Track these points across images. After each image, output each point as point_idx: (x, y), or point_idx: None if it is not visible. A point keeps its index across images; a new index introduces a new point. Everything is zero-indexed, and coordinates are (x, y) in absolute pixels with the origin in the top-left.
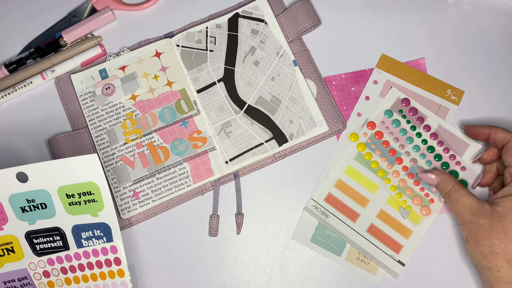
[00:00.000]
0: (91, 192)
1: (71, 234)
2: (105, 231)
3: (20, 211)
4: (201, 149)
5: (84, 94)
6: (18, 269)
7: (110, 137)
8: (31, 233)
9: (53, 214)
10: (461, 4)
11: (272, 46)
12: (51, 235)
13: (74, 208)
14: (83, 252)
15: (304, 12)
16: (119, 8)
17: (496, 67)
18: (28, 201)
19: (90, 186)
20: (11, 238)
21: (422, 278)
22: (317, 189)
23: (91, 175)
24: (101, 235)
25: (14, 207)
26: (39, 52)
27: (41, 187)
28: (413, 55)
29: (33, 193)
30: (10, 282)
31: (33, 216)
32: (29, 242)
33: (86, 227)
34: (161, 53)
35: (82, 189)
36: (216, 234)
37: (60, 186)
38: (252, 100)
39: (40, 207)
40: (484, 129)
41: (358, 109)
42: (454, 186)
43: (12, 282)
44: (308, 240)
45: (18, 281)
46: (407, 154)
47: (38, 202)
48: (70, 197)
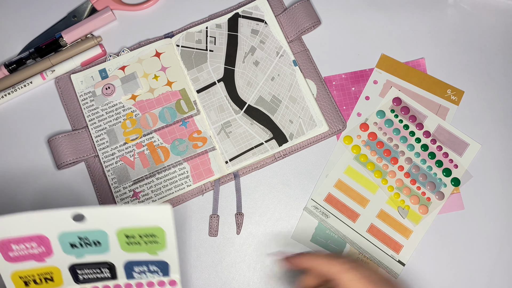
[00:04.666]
0: (154, 235)
1: (122, 268)
2: (162, 267)
3: (69, 247)
4: (201, 149)
5: (84, 94)
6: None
7: (110, 137)
8: (76, 265)
9: (106, 251)
10: (461, 4)
11: (272, 46)
12: (98, 267)
13: (132, 247)
14: (136, 284)
15: (304, 12)
16: (119, 8)
17: (496, 67)
18: (80, 239)
19: (155, 230)
20: (52, 269)
21: (422, 278)
22: (317, 189)
23: (159, 222)
24: (156, 270)
25: (63, 243)
26: (39, 52)
27: (99, 228)
28: (413, 55)
29: (88, 233)
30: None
31: (82, 252)
32: (72, 273)
33: (141, 263)
34: (161, 53)
35: (145, 232)
36: (216, 234)
37: (121, 228)
38: (252, 100)
39: (93, 244)
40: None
41: (358, 109)
42: None
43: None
44: (308, 240)
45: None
46: (402, 154)
47: (91, 239)
48: (130, 237)
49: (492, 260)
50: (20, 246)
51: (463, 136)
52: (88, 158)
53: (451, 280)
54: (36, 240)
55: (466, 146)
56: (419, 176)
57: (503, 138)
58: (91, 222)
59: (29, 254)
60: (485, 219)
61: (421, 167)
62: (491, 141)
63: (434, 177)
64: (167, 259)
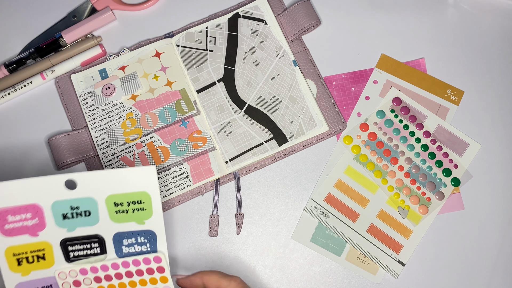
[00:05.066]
0: (141, 201)
1: (112, 242)
2: (150, 237)
3: (61, 218)
4: (201, 149)
5: (84, 94)
6: (45, 277)
7: (110, 137)
8: (67, 240)
9: (96, 222)
10: (461, 4)
11: (272, 46)
12: (89, 242)
13: (120, 216)
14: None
15: (304, 12)
16: (119, 8)
17: (496, 67)
18: (72, 208)
19: (141, 195)
20: (44, 245)
21: (422, 278)
22: (317, 189)
23: (144, 185)
24: (145, 242)
25: (55, 213)
26: (39, 52)
27: (89, 195)
28: (413, 55)
29: (79, 201)
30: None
31: (74, 224)
32: (63, 249)
33: (129, 234)
34: (161, 53)
35: (132, 198)
36: (216, 234)
37: (110, 194)
38: (252, 100)
39: (84, 214)
40: (196, 280)
41: (358, 109)
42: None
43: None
44: (308, 240)
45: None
46: (402, 154)
47: (82, 209)
48: (118, 205)
49: (492, 260)
50: (15, 217)
51: (463, 136)
52: (88, 158)
53: (451, 280)
54: (31, 209)
55: (466, 146)
56: (419, 176)
57: (503, 138)
58: (82, 188)
59: (23, 227)
60: (485, 219)
61: (421, 167)
62: (491, 141)
63: (434, 177)
64: (154, 228)
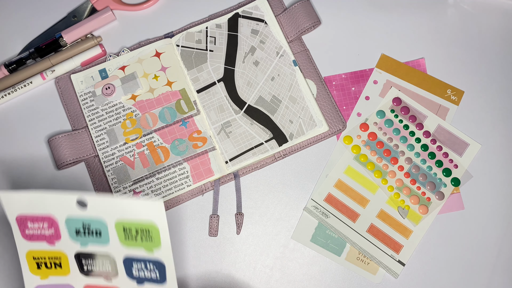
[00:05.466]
0: (149, 231)
1: (122, 264)
2: (159, 266)
3: (74, 233)
4: (201, 149)
5: (84, 94)
6: (62, 284)
7: (110, 137)
8: (81, 254)
9: (106, 242)
10: (461, 4)
11: (272, 46)
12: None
13: (130, 242)
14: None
15: (304, 12)
16: (119, 8)
17: (496, 67)
18: (83, 226)
19: (149, 226)
20: (60, 254)
21: (422, 278)
22: (317, 189)
23: (152, 218)
24: (154, 269)
25: (69, 228)
26: (39, 52)
27: (99, 217)
28: (413, 55)
29: (90, 220)
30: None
31: (86, 240)
32: (77, 262)
33: (139, 259)
34: (161, 53)
35: (140, 227)
36: (216, 234)
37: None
38: (252, 100)
39: (95, 233)
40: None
41: (358, 109)
42: None
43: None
44: (308, 240)
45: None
46: (402, 154)
47: (93, 228)
48: (127, 231)
49: (492, 260)
50: (34, 224)
51: (463, 136)
52: (88, 158)
53: (451, 280)
54: (47, 220)
55: (466, 146)
56: (419, 176)
57: (503, 138)
58: (92, 209)
59: (42, 235)
60: (485, 219)
61: (421, 167)
62: (491, 141)
63: (434, 177)
64: (163, 259)
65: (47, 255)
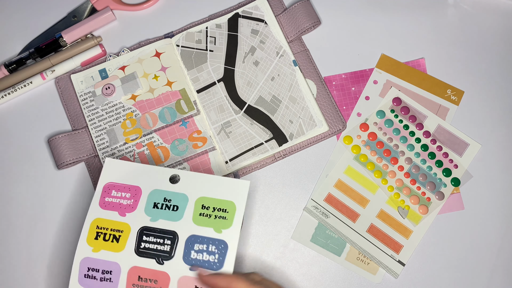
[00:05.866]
0: (226, 210)
1: (184, 243)
2: (221, 249)
3: (151, 206)
4: (201, 149)
5: (84, 94)
6: (110, 261)
7: (110, 137)
8: (145, 229)
9: (179, 218)
10: (461, 4)
11: (272, 46)
12: (163, 237)
13: (202, 219)
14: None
15: (304, 12)
16: (119, 8)
17: (496, 67)
18: (165, 200)
19: (228, 204)
20: (125, 227)
21: (422, 278)
22: (317, 189)
23: (234, 196)
24: (214, 252)
25: (149, 200)
26: (39, 52)
27: (185, 192)
28: (413, 55)
29: (174, 194)
30: (93, 271)
31: (159, 215)
32: (138, 237)
33: (203, 239)
34: (161, 53)
35: (219, 205)
36: None
37: (202, 196)
38: (252, 100)
39: (172, 208)
40: (222, 283)
41: (358, 109)
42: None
43: (95, 271)
44: (308, 240)
45: (101, 272)
46: (402, 154)
47: (173, 203)
48: (205, 208)
49: (492, 260)
50: (117, 193)
51: (463, 136)
52: (88, 158)
53: (451, 280)
54: (133, 190)
55: (466, 146)
56: (419, 176)
57: (503, 138)
58: (182, 184)
59: (118, 204)
60: (485, 219)
61: (421, 167)
62: (491, 141)
63: (434, 177)
64: (229, 240)
65: (111, 226)
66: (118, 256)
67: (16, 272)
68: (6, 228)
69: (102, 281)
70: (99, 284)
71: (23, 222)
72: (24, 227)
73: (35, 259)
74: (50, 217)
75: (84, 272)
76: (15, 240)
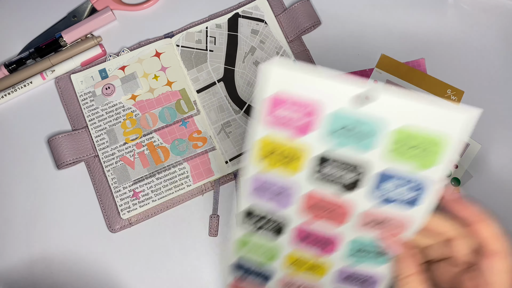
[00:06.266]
0: (433, 146)
1: (371, 178)
2: (418, 191)
3: (331, 131)
4: (201, 149)
5: (84, 94)
6: (282, 183)
7: (110, 137)
8: (324, 157)
9: (367, 149)
10: (461, 4)
11: (272, 46)
12: (345, 168)
13: (399, 153)
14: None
15: (304, 12)
16: (119, 8)
17: (496, 67)
18: (349, 125)
19: (439, 139)
20: (299, 150)
21: None
22: None
23: (452, 129)
24: (409, 191)
25: (329, 123)
26: (39, 52)
27: (379, 118)
28: (413, 55)
29: (363, 121)
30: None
31: (341, 143)
32: (314, 164)
33: (396, 177)
34: (161, 53)
35: (426, 139)
36: (216, 234)
37: (404, 125)
38: (252, 100)
39: (358, 136)
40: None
41: None
42: (414, 277)
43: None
44: None
45: (271, 193)
46: None
47: (360, 130)
48: (405, 140)
49: None
50: (290, 108)
51: None
52: (88, 158)
53: None
54: (310, 107)
55: (466, 146)
56: None
57: (503, 138)
58: (375, 108)
59: (291, 122)
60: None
61: None
62: (491, 141)
63: None
64: (430, 181)
65: (283, 147)
66: (291, 180)
67: (16, 272)
68: (6, 228)
69: (271, 201)
70: (269, 201)
71: (23, 222)
72: (24, 227)
73: (35, 259)
74: (50, 217)
75: (253, 190)
76: (15, 240)
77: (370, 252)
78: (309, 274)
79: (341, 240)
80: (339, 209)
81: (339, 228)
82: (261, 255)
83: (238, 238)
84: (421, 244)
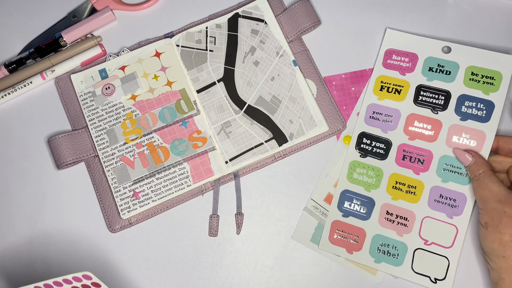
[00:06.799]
0: (493, 78)
1: (456, 99)
2: (488, 107)
3: (427, 69)
4: (201, 149)
5: (84, 94)
6: (392, 107)
7: (110, 137)
8: (422, 86)
9: (451, 81)
10: (461, 4)
11: (272, 46)
12: (438, 93)
13: (472, 83)
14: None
15: (304, 12)
16: (119, 8)
17: None
18: (438, 65)
19: (495, 74)
20: (405, 83)
21: None
22: (317, 189)
23: (501, 68)
24: (482, 108)
25: (425, 65)
26: (39, 52)
27: (456, 60)
28: None
29: (447, 62)
30: (377, 114)
31: (434, 76)
32: (416, 92)
33: (472, 98)
34: (161, 53)
35: (487, 73)
36: (216, 234)
37: (471, 65)
38: (252, 100)
39: (445, 72)
40: None
41: (358, 109)
42: (486, 172)
43: (379, 114)
44: (308, 240)
45: (384, 115)
46: None
47: (446, 68)
48: (474, 75)
49: None
50: (397, 57)
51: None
52: (88, 158)
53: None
54: (410, 56)
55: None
56: None
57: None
58: (454, 55)
59: (398, 66)
60: None
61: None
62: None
63: None
64: (496, 101)
65: (394, 81)
66: (399, 104)
67: (16, 273)
68: (6, 228)
69: (384, 122)
70: (381, 124)
71: (23, 222)
72: (24, 227)
73: (35, 259)
74: (50, 217)
75: (370, 114)
76: (15, 240)
77: (454, 172)
78: (406, 198)
79: (432, 157)
80: (435, 123)
81: (432, 143)
82: (368, 178)
83: (352, 161)
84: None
